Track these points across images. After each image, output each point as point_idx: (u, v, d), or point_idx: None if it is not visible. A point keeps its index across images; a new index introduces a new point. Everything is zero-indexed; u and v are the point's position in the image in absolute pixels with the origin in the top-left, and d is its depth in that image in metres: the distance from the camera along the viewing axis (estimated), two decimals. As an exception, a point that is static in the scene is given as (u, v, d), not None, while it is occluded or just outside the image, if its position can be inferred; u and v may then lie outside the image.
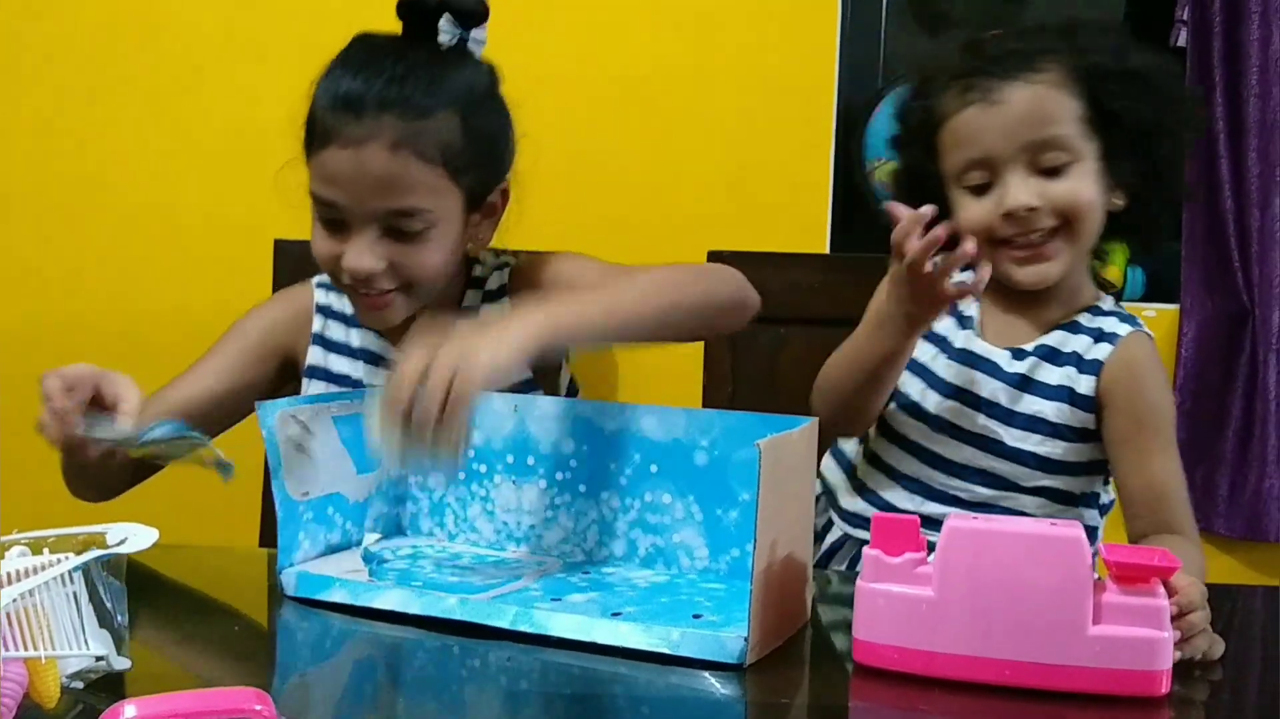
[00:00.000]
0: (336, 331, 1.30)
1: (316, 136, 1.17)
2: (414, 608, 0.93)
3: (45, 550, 0.77)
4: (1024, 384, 1.23)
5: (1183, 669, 0.85)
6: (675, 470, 1.05)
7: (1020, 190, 1.17)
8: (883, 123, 1.89)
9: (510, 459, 1.12)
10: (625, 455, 1.07)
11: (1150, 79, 1.20)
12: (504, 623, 0.89)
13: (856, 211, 1.95)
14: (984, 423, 1.23)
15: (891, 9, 2.02)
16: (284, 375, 1.31)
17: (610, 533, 1.09)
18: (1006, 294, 1.26)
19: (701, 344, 1.57)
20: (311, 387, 1.29)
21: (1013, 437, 1.23)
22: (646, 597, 0.98)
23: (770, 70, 1.88)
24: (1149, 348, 1.24)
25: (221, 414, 1.24)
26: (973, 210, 1.20)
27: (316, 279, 1.32)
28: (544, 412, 1.11)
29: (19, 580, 0.73)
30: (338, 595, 0.97)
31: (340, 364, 1.29)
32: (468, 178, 1.20)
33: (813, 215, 1.90)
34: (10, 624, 0.71)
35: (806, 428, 0.93)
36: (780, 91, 1.88)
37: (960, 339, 1.27)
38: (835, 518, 1.33)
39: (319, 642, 0.95)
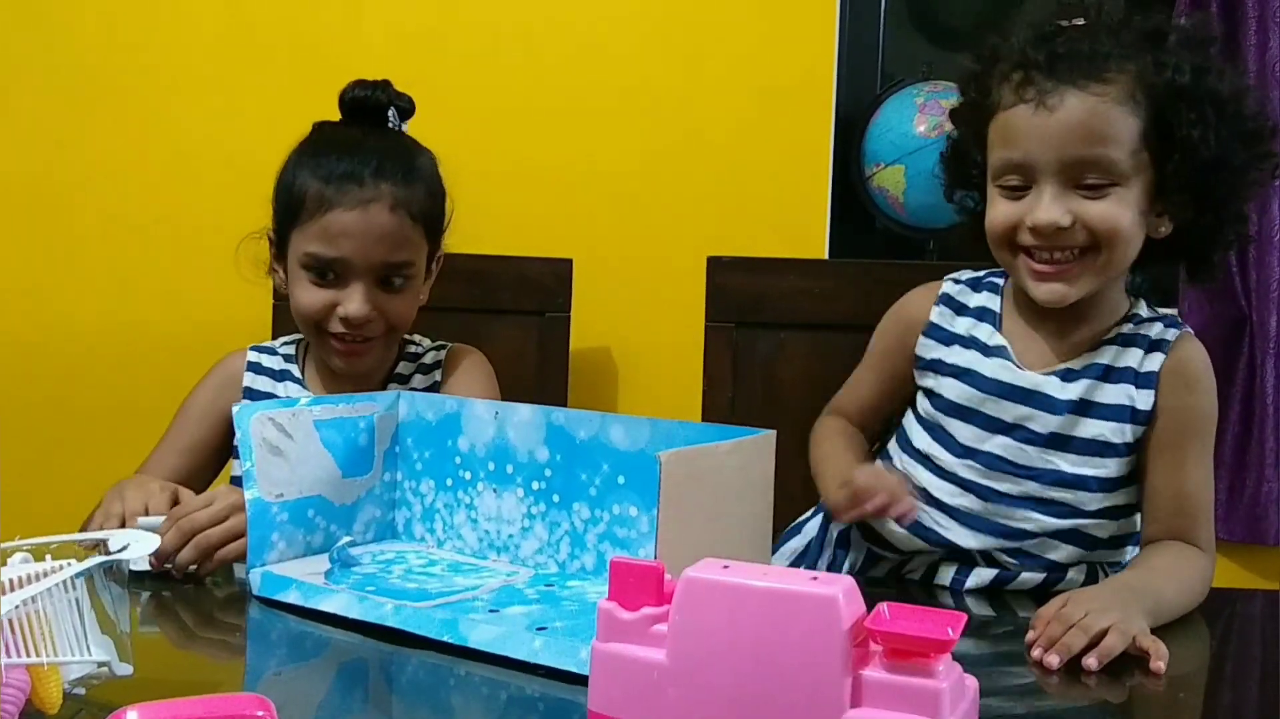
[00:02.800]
0: (263, 384, 1.41)
1: (311, 206, 1.30)
2: (354, 613, 0.95)
3: (48, 557, 0.77)
4: (1082, 408, 1.16)
5: (1182, 674, 0.85)
6: (640, 482, 1.03)
7: (1052, 207, 1.11)
8: (881, 128, 1.90)
9: (491, 466, 1.13)
10: (595, 466, 1.06)
11: (1227, 107, 1.12)
12: (430, 633, 0.91)
13: (855, 216, 1.95)
14: (1042, 455, 1.17)
15: (890, 14, 2.03)
16: (231, 436, 1.40)
17: (581, 545, 1.08)
18: (1034, 310, 1.20)
19: (701, 348, 1.57)
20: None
21: (1071, 463, 1.16)
22: (587, 612, 0.96)
23: (769, 75, 1.89)
24: (1201, 352, 1.18)
25: (191, 484, 1.32)
26: (1001, 211, 1.15)
27: (252, 345, 1.45)
28: (521, 418, 1.11)
29: (22, 587, 0.73)
30: (292, 597, 1.00)
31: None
32: (432, 240, 1.37)
33: (811, 220, 1.90)
34: (13, 630, 0.71)
35: (763, 439, 0.89)
36: (779, 96, 1.89)
37: (993, 369, 1.20)
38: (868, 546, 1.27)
39: (323, 650, 0.95)
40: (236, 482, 1.37)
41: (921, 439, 1.24)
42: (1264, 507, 1.91)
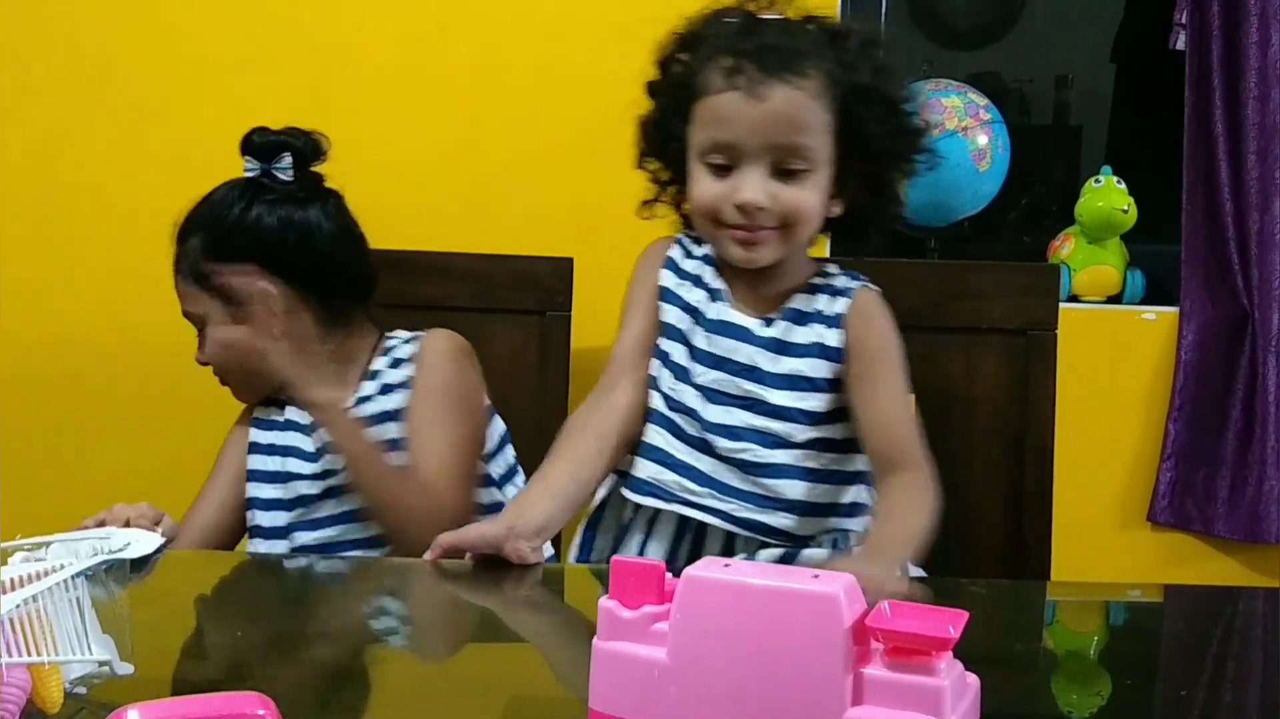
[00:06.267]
0: (271, 413, 1.46)
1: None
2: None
3: (49, 556, 0.77)
4: (780, 347, 1.28)
5: (1184, 673, 0.85)
6: None
7: (756, 189, 1.22)
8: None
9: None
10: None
11: (898, 106, 1.27)
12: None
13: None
14: (748, 386, 1.27)
15: (890, 13, 2.03)
16: None
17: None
18: (743, 271, 1.30)
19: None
20: (250, 460, 1.44)
21: (776, 396, 1.27)
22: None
23: (770, 74, 1.89)
24: (876, 296, 1.31)
25: (236, 524, 1.44)
26: (706, 189, 1.25)
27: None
28: None
29: (22, 586, 0.73)
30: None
31: (257, 435, 1.45)
32: (294, 283, 1.41)
33: (812, 219, 1.90)
34: (13, 629, 0.71)
35: None
36: (780, 95, 1.88)
37: (713, 310, 1.30)
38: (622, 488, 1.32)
39: (322, 646, 0.95)
40: (249, 503, 1.43)
41: (655, 369, 1.31)
42: (1266, 505, 1.91)
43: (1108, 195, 2.00)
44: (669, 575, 0.68)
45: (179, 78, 1.93)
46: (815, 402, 1.27)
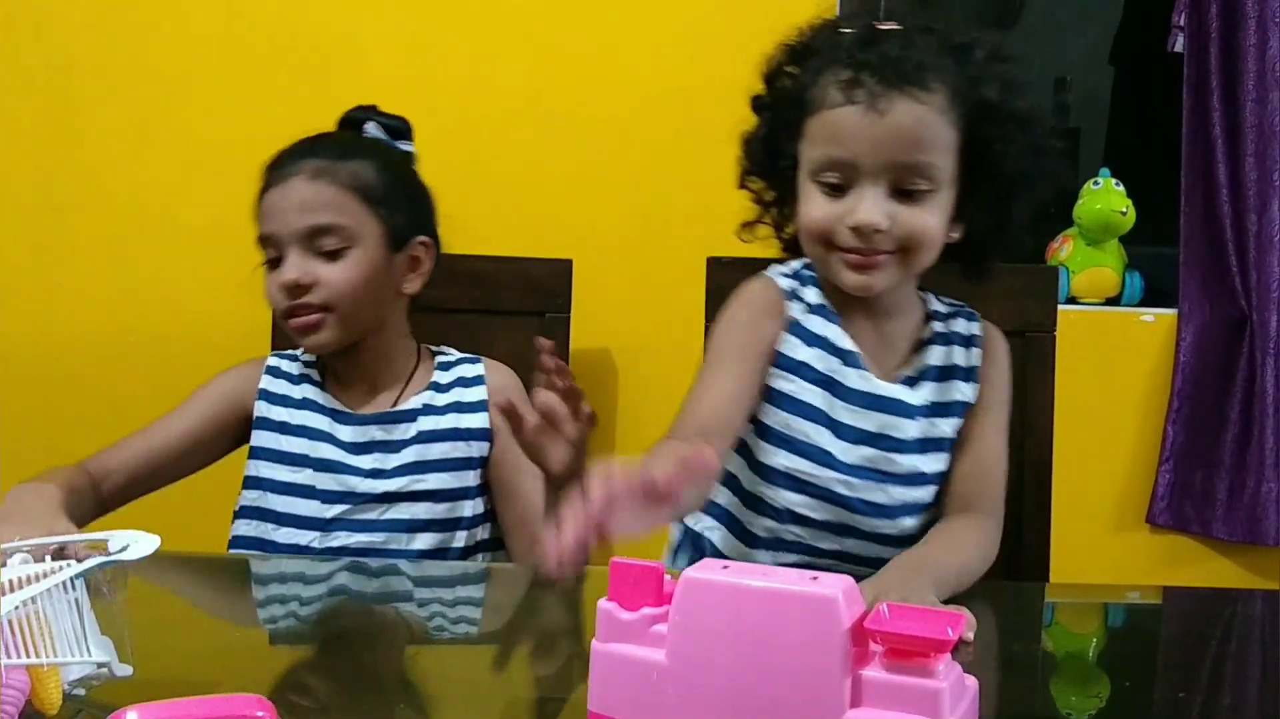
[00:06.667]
0: (281, 387, 1.41)
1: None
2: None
3: (47, 558, 0.77)
4: (934, 411, 1.22)
5: (1182, 674, 0.85)
6: None
7: (874, 210, 1.13)
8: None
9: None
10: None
11: (1029, 126, 1.17)
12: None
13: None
14: (905, 461, 1.21)
15: (891, 13, 2.02)
16: (241, 431, 1.41)
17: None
18: (866, 315, 1.22)
19: (701, 348, 1.57)
20: (257, 437, 1.39)
21: (927, 463, 1.22)
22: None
23: (768, 76, 1.89)
24: (997, 331, 1.28)
25: (184, 461, 1.38)
26: (819, 209, 1.16)
27: (275, 351, 1.46)
28: None
29: (21, 588, 0.73)
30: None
31: (281, 413, 1.39)
32: (384, 213, 1.36)
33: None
34: (12, 631, 0.71)
35: None
36: (779, 97, 1.88)
37: (854, 379, 1.21)
38: None
39: (320, 648, 0.95)
40: (249, 482, 1.38)
41: (776, 455, 1.21)
42: (1264, 507, 1.91)
43: (1106, 197, 2.00)
44: (668, 577, 0.68)
45: (179, 78, 1.92)
46: (947, 459, 1.23)
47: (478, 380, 1.42)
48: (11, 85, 1.93)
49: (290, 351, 1.45)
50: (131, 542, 0.81)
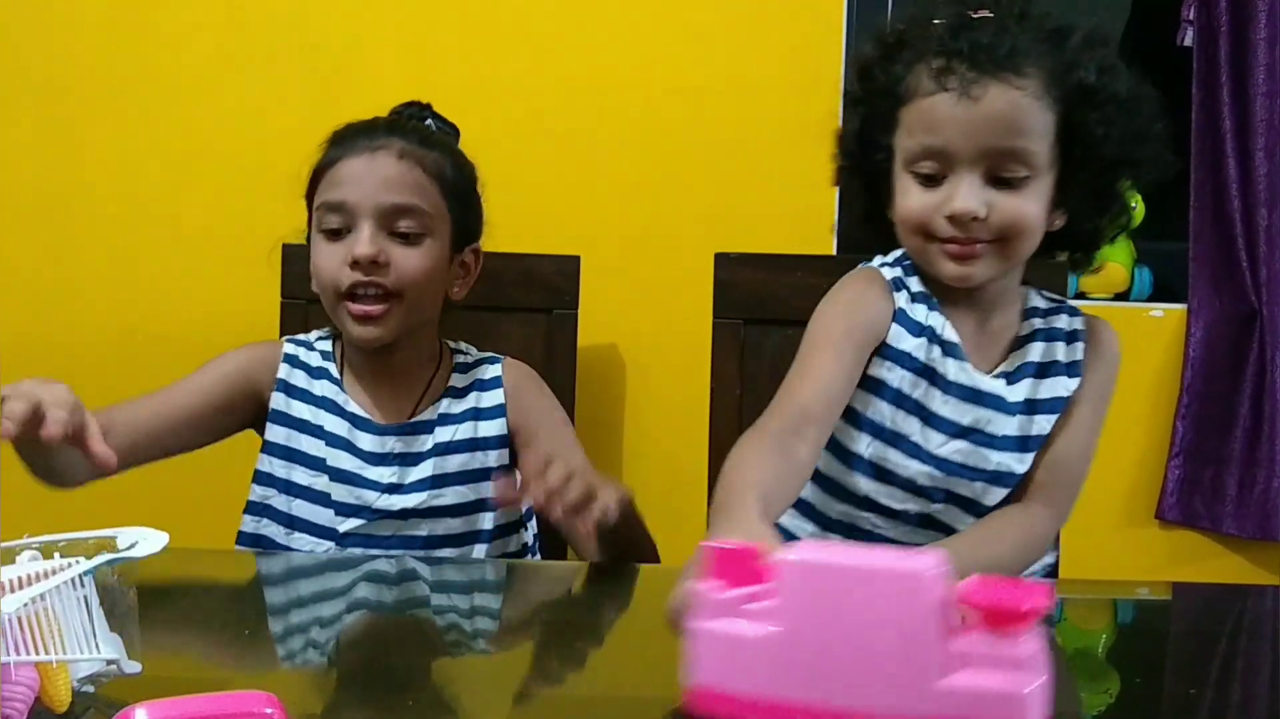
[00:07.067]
0: (299, 379, 1.36)
1: (323, 166, 1.31)
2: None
3: (56, 555, 0.77)
4: (1030, 408, 1.21)
5: (1192, 670, 0.85)
6: None
7: (971, 197, 1.12)
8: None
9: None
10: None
11: (1131, 109, 1.15)
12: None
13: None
14: (997, 458, 1.20)
15: (897, 8, 2.02)
16: (249, 413, 1.36)
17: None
18: (969, 308, 1.21)
19: (709, 344, 1.57)
20: (272, 431, 1.35)
21: (1020, 461, 1.21)
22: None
23: (776, 70, 1.88)
24: (1107, 325, 1.26)
25: (188, 433, 1.32)
26: (915, 199, 1.15)
27: (288, 336, 1.40)
28: None
29: (30, 585, 0.73)
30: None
31: (301, 410, 1.35)
32: (455, 209, 1.35)
33: (819, 216, 1.89)
34: (21, 628, 0.71)
35: None
36: (785, 91, 1.88)
37: (953, 370, 1.20)
38: None
39: (329, 645, 0.95)
40: (262, 478, 1.34)
41: (860, 442, 1.21)
42: (1274, 502, 1.90)
43: (1115, 192, 1.99)
44: (762, 559, 0.73)
45: (181, 76, 1.92)
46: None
47: (495, 383, 1.38)
48: (13, 84, 1.93)
49: (305, 338, 1.40)
50: (140, 538, 0.81)
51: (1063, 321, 1.24)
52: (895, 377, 1.20)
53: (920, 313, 1.21)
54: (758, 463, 1.02)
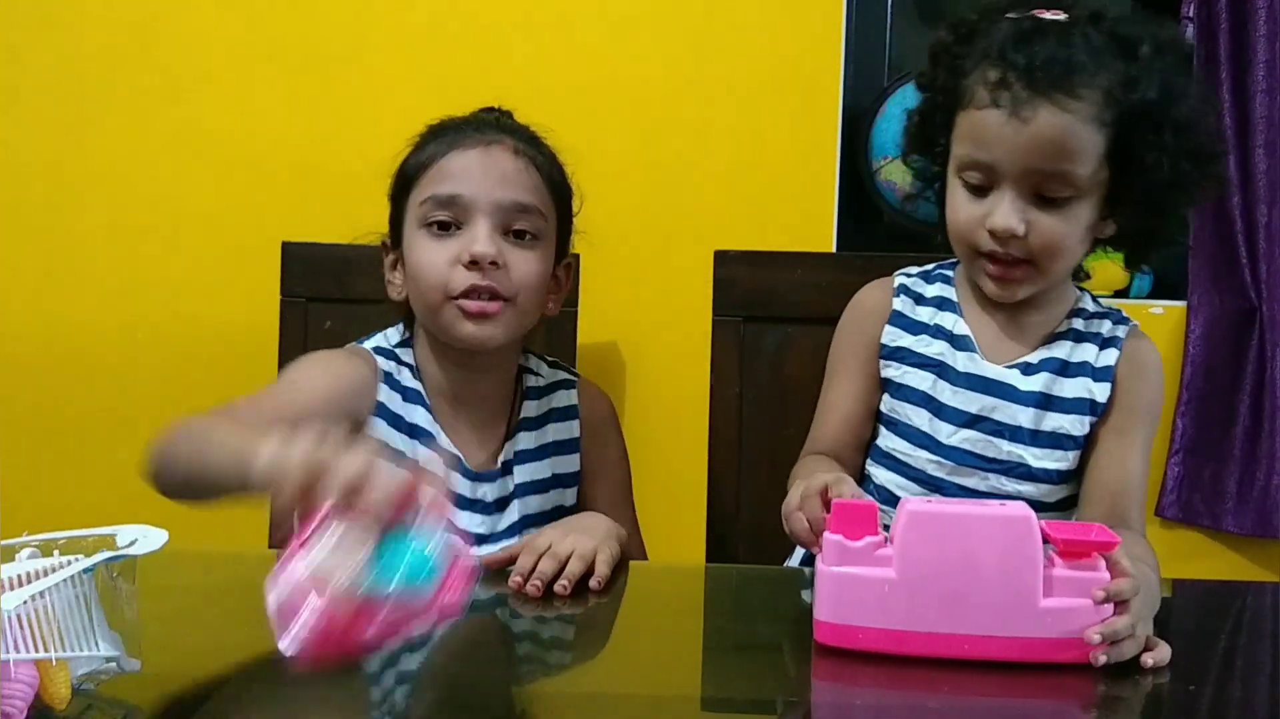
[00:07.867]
0: (395, 404, 1.25)
1: (427, 162, 1.24)
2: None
3: (56, 553, 0.77)
4: (1044, 402, 1.21)
5: (1192, 668, 0.85)
6: None
7: (1011, 214, 1.13)
8: (888, 121, 1.89)
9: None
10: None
11: (1190, 132, 1.13)
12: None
13: (862, 210, 1.95)
14: (1008, 448, 1.21)
15: (897, 7, 2.02)
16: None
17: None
18: (992, 307, 1.23)
19: (708, 342, 1.57)
20: None
21: (1035, 456, 1.20)
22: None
23: (776, 69, 1.88)
24: (1151, 344, 1.25)
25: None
26: (962, 211, 1.18)
27: (372, 346, 1.27)
28: None
29: (30, 582, 0.73)
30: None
31: (397, 440, 1.23)
32: (560, 214, 1.32)
33: (819, 214, 1.89)
34: (21, 626, 0.71)
35: None
36: (786, 90, 1.88)
37: (962, 362, 1.23)
38: None
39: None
40: None
41: (883, 437, 1.26)
42: (1274, 500, 1.90)
43: (1115, 189, 1.99)
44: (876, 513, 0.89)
45: (184, 74, 1.92)
46: (1071, 460, 1.21)
47: (571, 413, 1.32)
48: (16, 82, 1.93)
49: (386, 346, 1.27)
50: (140, 536, 0.81)
51: (1104, 328, 1.24)
52: (899, 372, 1.25)
53: (926, 314, 1.26)
54: (813, 464, 1.18)
